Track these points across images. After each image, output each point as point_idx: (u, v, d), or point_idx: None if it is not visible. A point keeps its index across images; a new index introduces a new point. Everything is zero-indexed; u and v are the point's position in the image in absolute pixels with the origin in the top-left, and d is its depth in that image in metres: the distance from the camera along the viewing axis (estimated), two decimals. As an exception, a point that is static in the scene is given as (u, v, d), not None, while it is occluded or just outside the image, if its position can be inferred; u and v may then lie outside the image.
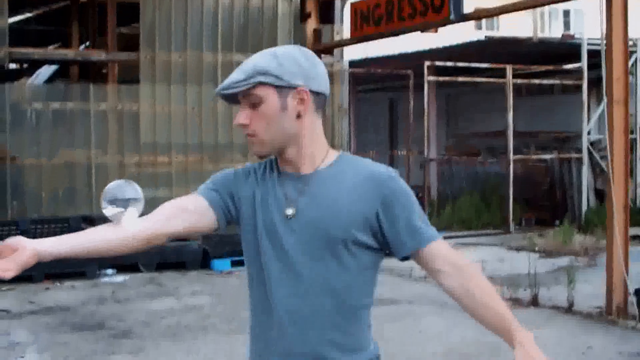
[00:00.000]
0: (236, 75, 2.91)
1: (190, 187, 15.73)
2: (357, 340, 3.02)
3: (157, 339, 9.58)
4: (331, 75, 17.08)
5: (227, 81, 2.92)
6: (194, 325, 10.23)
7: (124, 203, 2.82)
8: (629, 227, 10.88)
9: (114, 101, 15.67)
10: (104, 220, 2.73)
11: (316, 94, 2.96)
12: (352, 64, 18.87)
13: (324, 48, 16.94)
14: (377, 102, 28.48)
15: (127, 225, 2.80)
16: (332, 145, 12.18)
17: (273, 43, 16.76)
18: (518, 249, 16.32)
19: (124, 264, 13.87)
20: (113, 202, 2.81)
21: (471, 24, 26.94)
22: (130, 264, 13.96)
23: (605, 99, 11.12)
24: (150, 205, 11.61)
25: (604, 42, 10.91)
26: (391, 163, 25.59)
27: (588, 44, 18.79)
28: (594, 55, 18.60)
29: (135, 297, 12.02)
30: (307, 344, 2.97)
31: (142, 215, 2.97)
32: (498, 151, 21.67)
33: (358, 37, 14.90)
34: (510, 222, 18.77)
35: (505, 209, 19.19)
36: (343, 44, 16.57)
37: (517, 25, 25.98)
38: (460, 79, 19.37)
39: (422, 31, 14.30)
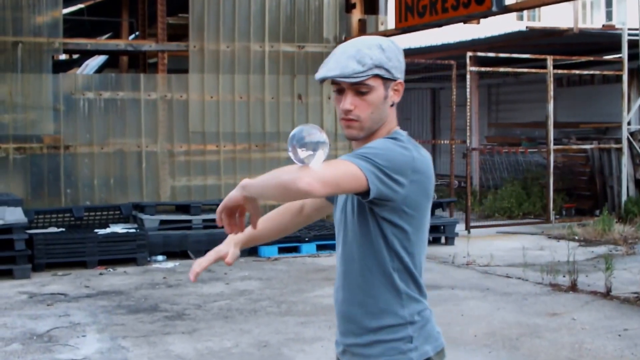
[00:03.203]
0: (354, 65, 3.15)
1: (237, 175, 16.12)
2: (383, 303, 3.27)
3: (210, 320, 9.96)
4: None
5: (345, 69, 3.15)
6: (245, 308, 10.60)
7: (313, 146, 2.84)
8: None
9: (163, 91, 16.03)
10: (153, 207, 2.92)
11: (403, 84, 3.34)
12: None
13: (362, 36, 17.21)
14: (419, 92, 28.75)
15: (315, 168, 2.84)
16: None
17: (319, 33, 17.10)
18: (558, 238, 16.55)
19: (174, 250, 14.31)
20: (302, 145, 2.85)
21: (513, 14, 27.01)
22: (180, 251, 14.38)
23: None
24: (199, 194, 12.17)
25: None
26: (433, 152, 25.85)
27: (629, 35, 18.91)
28: (634, 45, 18.77)
29: (186, 282, 12.38)
30: (344, 305, 3.39)
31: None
32: (538, 141, 21.86)
33: (402, 27, 15.15)
34: (550, 211, 18.97)
35: (545, 198, 19.38)
36: (388, 34, 16.78)
37: (559, 16, 26.05)
38: (502, 69, 19.56)
39: (464, 22, 14.50)
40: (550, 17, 23.70)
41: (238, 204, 3.09)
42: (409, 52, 19.79)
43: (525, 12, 32.84)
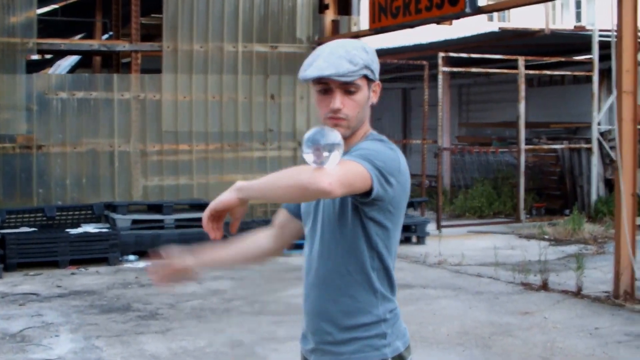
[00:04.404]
0: (347, 65, 3.22)
1: (210, 175, 16.13)
2: (360, 303, 3.34)
3: (183, 320, 9.98)
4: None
5: (339, 69, 3.21)
6: (218, 308, 10.63)
7: (329, 147, 2.85)
8: (636, 215, 11.23)
9: (136, 90, 16.01)
10: (125, 207, 2.92)
11: None
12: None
13: (342, 39, 17.27)
14: (391, 92, 28.81)
15: (330, 169, 2.87)
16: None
17: (292, 34, 17.14)
18: (528, 237, 16.65)
19: (146, 250, 14.28)
20: (319, 147, 2.85)
21: (483, 15, 27.11)
22: (152, 251, 14.32)
23: (615, 90, 11.43)
24: (172, 194, 12.16)
25: (615, 35, 11.23)
26: (404, 152, 25.91)
27: (599, 36, 19.06)
28: (604, 46, 18.91)
29: (158, 281, 12.36)
30: (317, 303, 3.43)
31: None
32: (509, 141, 21.97)
33: (376, 28, 15.20)
34: (521, 211, 19.09)
35: (516, 198, 19.49)
36: (361, 35, 16.84)
37: (528, 17, 26.17)
38: (474, 69, 19.66)
39: (438, 23, 14.58)
40: (519, 18, 23.82)
41: (230, 207, 3.16)
42: (381, 53, 19.82)
43: (495, 13, 32.95)
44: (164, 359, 8.35)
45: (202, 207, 14.85)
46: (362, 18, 17.55)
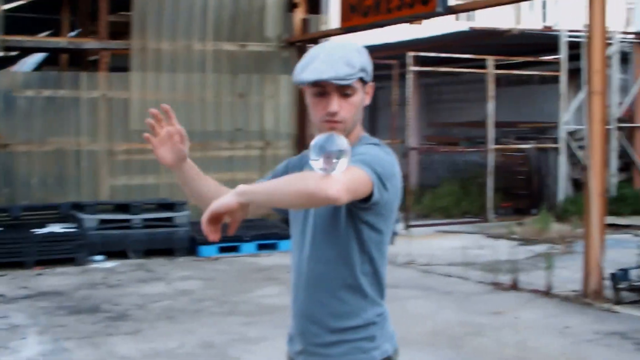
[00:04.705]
0: (345, 68, 3.19)
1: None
2: (349, 306, 3.33)
3: (153, 321, 9.89)
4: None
5: (338, 72, 3.17)
6: (188, 309, 10.55)
7: (337, 154, 2.84)
8: (605, 215, 11.25)
9: (104, 89, 15.90)
10: (92, 207, 2.85)
11: None
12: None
13: (311, 38, 17.25)
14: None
15: (337, 175, 2.86)
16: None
17: (261, 33, 17.09)
18: (497, 237, 16.65)
19: (113, 250, 14.17)
20: (326, 154, 2.84)
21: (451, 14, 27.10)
22: (119, 251, 14.24)
23: (584, 90, 11.46)
24: (139, 193, 12.02)
25: (586, 36, 11.25)
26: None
27: (567, 36, 19.14)
28: (573, 46, 19.00)
29: (126, 282, 12.30)
30: (305, 305, 3.41)
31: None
32: (476, 140, 22.00)
33: (346, 27, 15.17)
34: (488, 210, 19.12)
35: (483, 197, 19.52)
36: (331, 34, 16.83)
37: (495, 17, 26.19)
38: (443, 69, 19.67)
39: (409, 23, 14.55)
40: (486, 18, 23.78)
41: (230, 211, 3.10)
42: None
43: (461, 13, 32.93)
44: (134, 361, 8.29)
45: (169, 206, 14.79)
46: (333, 17, 17.51)
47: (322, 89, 3.23)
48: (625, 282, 10.89)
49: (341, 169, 2.87)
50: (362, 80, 3.29)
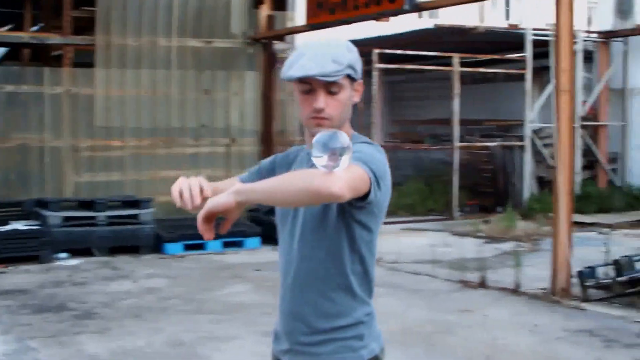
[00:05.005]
0: (332, 65, 3.17)
1: (142, 171, 15.91)
2: (338, 306, 3.31)
3: (121, 319, 9.78)
4: (283, 62, 17.29)
5: (324, 69, 3.15)
6: (155, 307, 10.44)
7: (340, 151, 2.82)
8: (573, 213, 11.28)
9: (68, 85, 15.73)
10: (56, 204, 2.78)
11: None
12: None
13: (277, 34, 17.17)
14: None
15: (340, 173, 2.85)
16: (284, 129, 12.52)
17: (227, 29, 16.99)
18: (462, 235, 16.67)
19: (78, 248, 14.01)
20: (329, 151, 2.82)
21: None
22: (84, 248, 14.09)
23: (550, 88, 11.47)
24: (104, 190, 11.87)
25: (553, 34, 11.26)
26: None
27: (533, 35, 19.21)
28: (536, 45, 19.07)
29: (92, 279, 12.17)
30: (293, 304, 3.38)
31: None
32: (441, 138, 22.02)
33: (313, 24, 15.10)
34: (454, 208, 19.14)
35: (449, 195, 19.53)
36: (297, 30, 16.77)
37: (458, 14, 26.20)
38: (409, 66, 19.66)
39: (375, 20, 14.49)
40: (449, 15, 23.76)
41: (225, 210, 3.06)
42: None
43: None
44: (103, 360, 8.18)
45: (134, 203, 14.66)
46: (299, 13, 17.42)
47: (309, 85, 3.22)
48: (593, 279, 10.92)
49: (343, 167, 2.85)
50: (350, 78, 3.26)
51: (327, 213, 3.23)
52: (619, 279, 10.62)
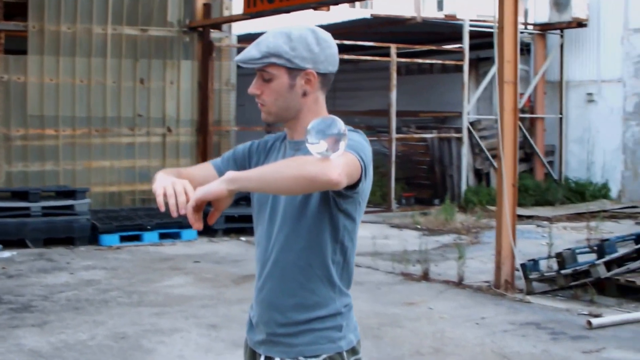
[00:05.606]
0: (253, 52, 3.18)
1: (77, 161, 15.62)
2: (318, 297, 3.26)
3: (60, 312, 9.53)
4: (220, 51, 17.11)
5: (245, 55, 3.20)
6: (94, 299, 10.20)
7: (336, 137, 2.80)
8: (516, 206, 11.26)
9: (0, 72, 15.38)
10: None
11: (323, 74, 3.29)
12: (239, 39, 18.81)
13: (214, 23, 16.95)
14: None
15: (336, 159, 2.82)
16: (220, 119, 12.33)
17: (163, 17, 16.73)
18: (401, 227, 16.62)
19: (10, 239, 13.68)
20: (325, 137, 2.80)
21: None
22: (17, 240, 13.76)
23: (487, 80, 11.42)
24: (37, 180, 11.56)
25: (496, 25, 11.22)
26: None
27: (470, 25, 19.23)
28: (472, 36, 19.10)
29: (27, 272, 11.87)
30: (271, 294, 3.31)
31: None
32: (378, 130, 21.95)
33: (251, 13, 14.93)
34: (391, 200, 19.09)
35: (386, 187, 19.47)
36: (234, 19, 16.58)
37: (393, 4, 26.27)
38: (345, 56, 19.55)
39: (315, 9, 14.34)
40: (382, 6, 23.82)
41: (216, 198, 2.99)
42: (248, 38, 19.44)
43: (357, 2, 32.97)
44: (45, 354, 7.92)
45: (69, 194, 14.36)
46: (236, 2, 17.23)
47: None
48: (536, 272, 10.92)
49: (339, 154, 2.81)
50: (286, 67, 3.20)
51: (309, 202, 3.17)
52: (563, 271, 10.63)
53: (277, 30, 3.23)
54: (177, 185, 3.01)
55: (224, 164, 3.48)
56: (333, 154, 2.80)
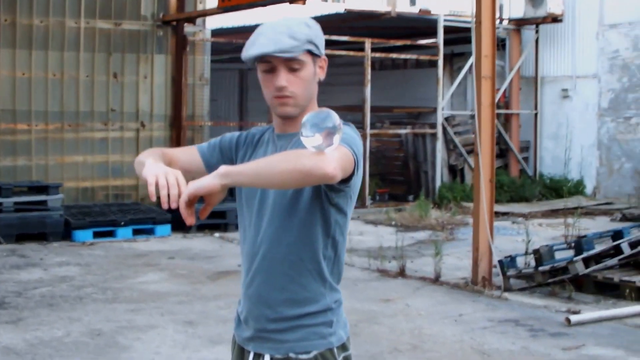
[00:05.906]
0: (289, 40, 3.11)
1: (49, 156, 15.46)
2: (308, 292, 3.23)
3: (34, 308, 9.41)
4: (193, 45, 16.99)
5: (278, 45, 3.10)
6: (69, 295, 10.09)
7: (330, 130, 2.78)
8: (494, 202, 11.22)
9: (-29, 66, 15.22)
10: None
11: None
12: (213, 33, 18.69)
13: (188, 17, 16.82)
14: (227, 73, 28.40)
15: (331, 153, 2.80)
16: (193, 113, 12.25)
17: (136, 10, 16.60)
18: (375, 223, 16.58)
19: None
20: (320, 130, 2.77)
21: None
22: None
23: (461, 75, 11.37)
24: (9, 175, 11.41)
25: (474, 20, 11.17)
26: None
27: (444, 20, 19.20)
28: (446, 31, 19.07)
29: (0, 268, 11.74)
30: (261, 289, 3.28)
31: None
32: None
33: (225, 7, 14.80)
34: (366, 196, 19.04)
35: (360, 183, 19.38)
36: (208, 13, 16.45)
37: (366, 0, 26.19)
38: (320, 52, 19.44)
39: (290, 3, 14.23)
40: (359, 1, 23.77)
41: (209, 193, 2.95)
42: (218, 32, 19.35)
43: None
44: (20, 351, 7.80)
45: (42, 189, 14.21)
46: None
47: (270, 65, 3.18)
48: (513, 269, 10.89)
49: (333, 147, 2.79)
50: (312, 54, 3.19)
51: (300, 195, 3.14)
52: (540, 268, 10.61)
53: (294, 20, 3.20)
54: (169, 176, 2.95)
55: (209, 151, 3.45)
56: (328, 148, 2.78)
